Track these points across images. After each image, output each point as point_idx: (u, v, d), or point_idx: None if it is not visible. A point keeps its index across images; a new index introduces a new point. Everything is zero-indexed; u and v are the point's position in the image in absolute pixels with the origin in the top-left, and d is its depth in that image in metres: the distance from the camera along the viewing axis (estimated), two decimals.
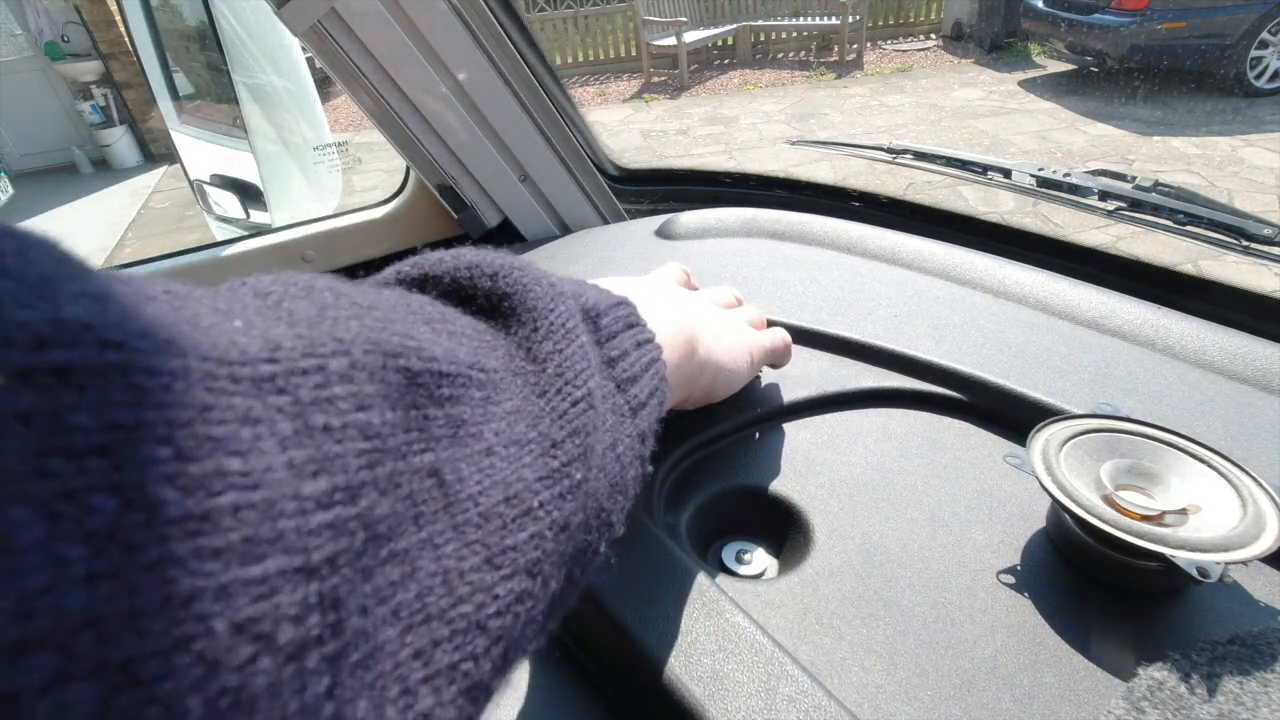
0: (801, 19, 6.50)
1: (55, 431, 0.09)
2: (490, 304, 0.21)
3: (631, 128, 5.26)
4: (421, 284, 0.21)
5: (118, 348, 0.09)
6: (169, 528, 0.09)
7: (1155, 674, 0.27)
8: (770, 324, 0.52)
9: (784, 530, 0.37)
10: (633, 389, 0.23)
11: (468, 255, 0.21)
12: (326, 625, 0.11)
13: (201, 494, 0.10)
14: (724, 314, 0.39)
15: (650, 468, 0.25)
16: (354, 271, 0.82)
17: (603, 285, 0.27)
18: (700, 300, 0.38)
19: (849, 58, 6.34)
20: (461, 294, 0.21)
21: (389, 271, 0.21)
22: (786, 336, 0.42)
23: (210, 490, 0.10)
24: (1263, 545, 0.28)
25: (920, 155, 0.77)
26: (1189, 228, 0.60)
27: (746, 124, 5.06)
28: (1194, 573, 0.27)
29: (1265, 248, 0.56)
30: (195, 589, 0.09)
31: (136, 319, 0.10)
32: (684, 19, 6.20)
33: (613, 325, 0.24)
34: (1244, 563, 0.28)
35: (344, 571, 0.12)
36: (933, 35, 6.73)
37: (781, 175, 0.82)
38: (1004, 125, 4.58)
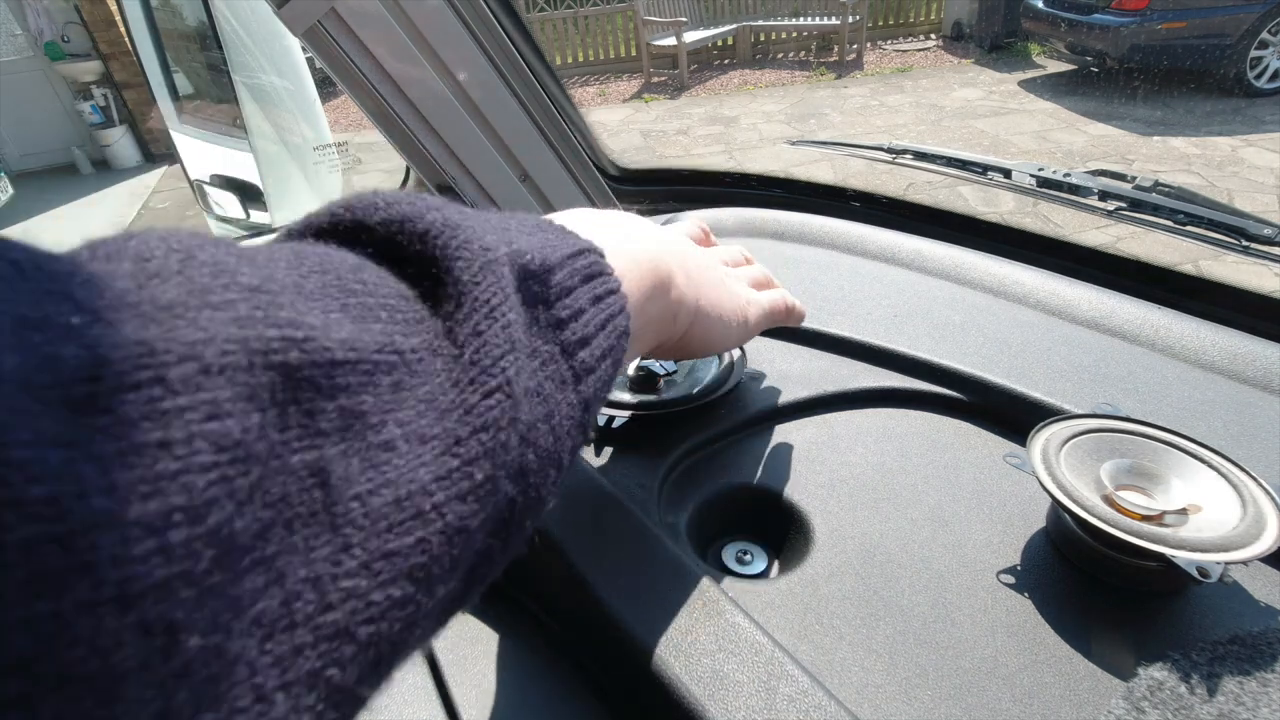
0: (801, 19, 6.50)
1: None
2: (420, 267, 0.19)
3: (631, 128, 5.26)
4: (355, 233, 0.20)
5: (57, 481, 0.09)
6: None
7: (1155, 674, 0.27)
8: None
9: (784, 530, 0.37)
10: (581, 353, 0.22)
11: (402, 205, 0.20)
12: (155, 650, 0.11)
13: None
14: (720, 266, 0.37)
15: (591, 435, 0.23)
16: None
17: (578, 224, 0.26)
18: (695, 249, 0.36)
19: (849, 58, 6.34)
20: (394, 251, 0.19)
21: (323, 211, 0.20)
22: (790, 297, 0.40)
23: (3, 524, 0.09)
24: (1263, 545, 0.28)
25: (920, 155, 0.77)
26: (1189, 228, 0.60)
27: (746, 124, 5.06)
28: (1194, 573, 0.27)
29: (1265, 248, 0.56)
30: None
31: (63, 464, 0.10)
32: (684, 19, 6.20)
33: (567, 280, 0.23)
34: (1244, 563, 0.28)
35: (180, 595, 0.11)
36: (933, 35, 6.73)
37: (781, 175, 0.82)
38: (1004, 125, 4.58)
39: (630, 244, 0.28)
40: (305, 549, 0.13)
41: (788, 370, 0.45)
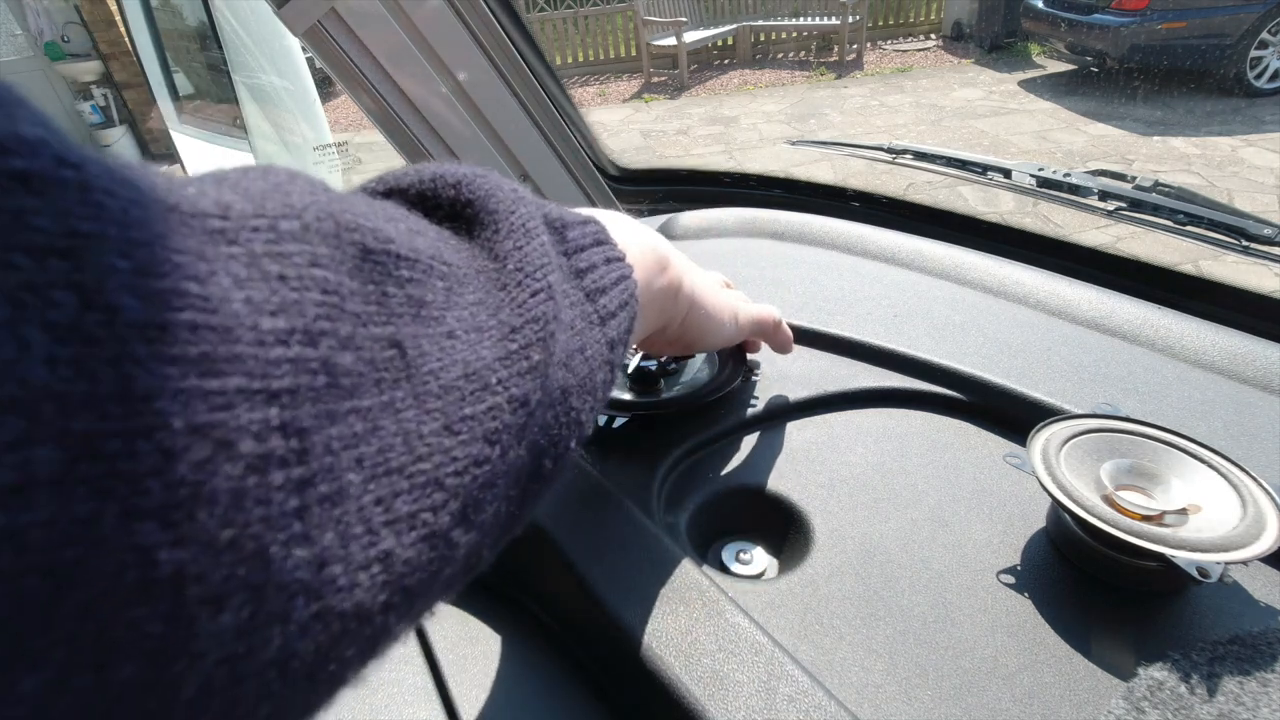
0: (801, 19, 6.50)
1: (17, 228, 0.09)
2: (454, 211, 0.21)
3: (631, 128, 5.26)
4: (387, 196, 0.21)
5: (75, 168, 0.10)
6: (127, 330, 0.10)
7: (1155, 674, 0.27)
8: None
9: (784, 530, 0.37)
10: (601, 299, 0.24)
11: (431, 168, 0.22)
12: (290, 450, 0.12)
13: (159, 307, 0.10)
14: (709, 272, 0.39)
15: (618, 375, 0.25)
16: None
17: (569, 210, 0.29)
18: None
19: (849, 58, 6.34)
20: (427, 204, 0.21)
21: (353, 188, 0.22)
22: (778, 314, 0.41)
23: (168, 305, 0.10)
24: (1263, 545, 0.28)
25: (920, 155, 0.77)
26: (1189, 228, 0.60)
27: (746, 124, 5.06)
28: (1194, 573, 0.27)
29: (1265, 248, 0.56)
30: (152, 388, 0.10)
31: (90, 155, 0.10)
32: (684, 19, 6.20)
33: (580, 239, 0.24)
34: (1244, 563, 0.28)
35: (306, 407, 0.12)
36: (933, 35, 6.73)
37: (781, 175, 0.82)
38: (1004, 125, 4.58)
39: (629, 230, 0.30)
40: (394, 408, 0.15)
41: (788, 370, 0.45)
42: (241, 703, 0.11)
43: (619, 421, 0.42)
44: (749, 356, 0.44)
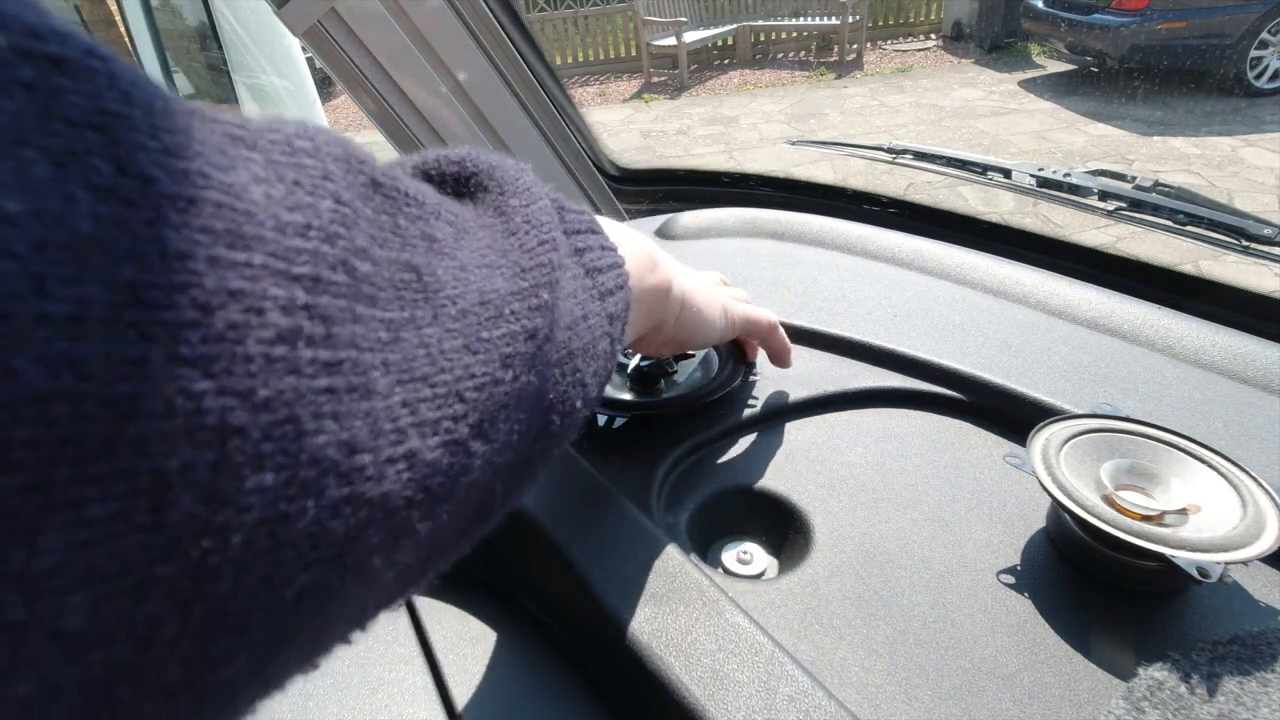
0: (801, 19, 6.49)
1: (55, 102, 0.10)
2: (458, 184, 0.22)
3: (631, 128, 5.26)
4: None
5: (103, 60, 0.11)
6: (160, 198, 0.10)
7: (1155, 674, 0.27)
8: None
9: (784, 530, 0.37)
10: (600, 277, 0.24)
11: (433, 150, 0.23)
12: (316, 330, 0.12)
13: (187, 183, 0.11)
14: (705, 272, 0.39)
15: (619, 349, 0.26)
16: None
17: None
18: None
19: (849, 58, 6.34)
20: (430, 179, 0.22)
21: None
22: (773, 317, 0.41)
23: (195, 183, 0.11)
24: (1263, 545, 0.28)
25: (920, 155, 0.77)
26: (1189, 228, 0.60)
27: (746, 124, 5.06)
28: (1194, 573, 0.27)
29: (1265, 248, 0.56)
30: (186, 250, 0.11)
31: (116, 54, 0.11)
32: (684, 19, 6.20)
33: (577, 222, 0.25)
34: (1244, 563, 0.28)
35: (328, 298, 0.13)
36: (933, 35, 6.73)
37: (781, 175, 0.82)
38: (1004, 125, 4.57)
39: (617, 229, 0.30)
40: (415, 323, 0.15)
41: (787, 370, 0.45)
42: (281, 568, 0.12)
43: (619, 422, 0.42)
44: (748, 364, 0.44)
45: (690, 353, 0.45)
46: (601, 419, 0.43)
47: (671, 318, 0.33)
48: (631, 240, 0.30)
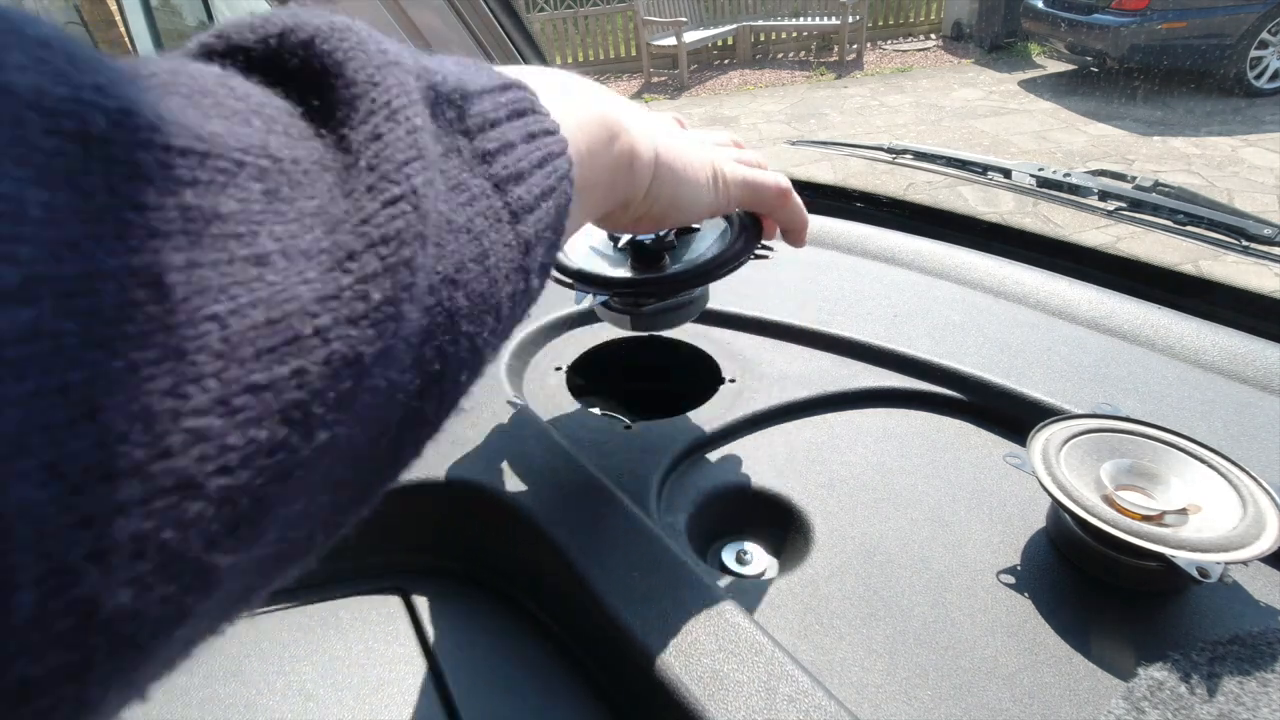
0: (801, 19, 6.50)
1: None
2: (309, 82, 0.16)
3: None
4: (228, 56, 0.16)
5: None
6: None
7: (1155, 674, 0.27)
8: (770, 324, 0.51)
9: (784, 530, 0.37)
10: (515, 189, 0.19)
11: (283, 16, 0.16)
12: None
13: None
14: (687, 131, 0.33)
15: (539, 283, 0.21)
16: None
17: (514, 71, 0.23)
18: (657, 115, 0.32)
19: (849, 58, 6.34)
20: (277, 70, 0.16)
21: (191, 43, 0.17)
22: (784, 181, 0.34)
23: None
24: (1263, 545, 0.28)
25: (920, 155, 0.77)
26: (1189, 228, 0.60)
27: (746, 124, 5.06)
28: (1194, 573, 0.27)
29: (1265, 248, 0.56)
30: None
31: None
32: (684, 19, 6.20)
33: (490, 112, 0.20)
34: (1244, 563, 0.28)
35: None
36: (933, 35, 6.73)
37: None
38: (1004, 125, 4.57)
39: (572, 94, 0.25)
40: (132, 379, 0.10)
41: (788, 370, 0.45)
42: None
43: (599, 299, 0.38)
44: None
45: (694, 226, 0.39)
46: (603, 297, 0.38)
47: (640, 191, 0.28)
48: (583, 108, 0.25)
